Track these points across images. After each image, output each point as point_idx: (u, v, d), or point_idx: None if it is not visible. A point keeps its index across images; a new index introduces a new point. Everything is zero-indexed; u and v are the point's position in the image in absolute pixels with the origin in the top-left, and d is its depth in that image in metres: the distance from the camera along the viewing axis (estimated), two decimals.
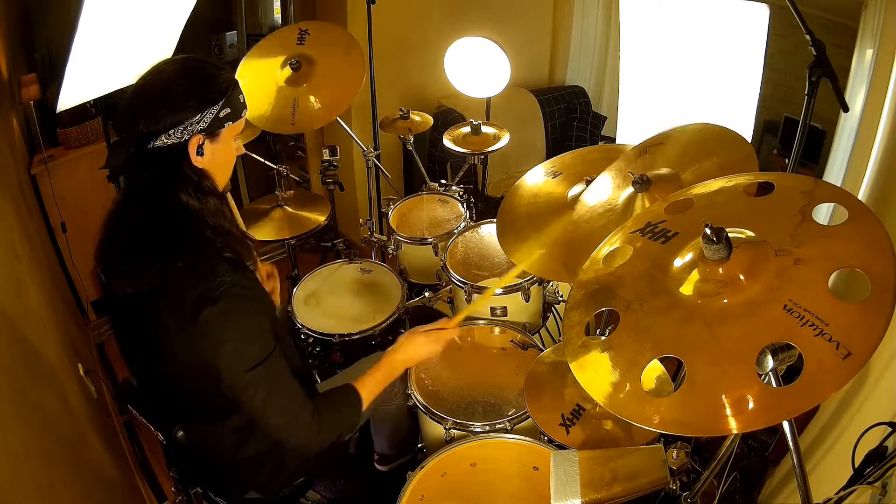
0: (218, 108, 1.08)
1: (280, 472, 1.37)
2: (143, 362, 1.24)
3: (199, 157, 1.09)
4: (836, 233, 0.78)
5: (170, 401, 1.26)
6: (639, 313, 0.88)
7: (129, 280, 1.09)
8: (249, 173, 3.47)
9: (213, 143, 1.11)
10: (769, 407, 0.70)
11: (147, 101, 1.06)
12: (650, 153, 1.30)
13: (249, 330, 1.11)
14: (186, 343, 1.07)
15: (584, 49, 3.64)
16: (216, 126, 1.09)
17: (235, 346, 1.08)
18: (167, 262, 1.06)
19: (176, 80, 1.07)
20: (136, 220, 1.10)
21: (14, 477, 0.91)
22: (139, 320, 1.13)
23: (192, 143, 1.07)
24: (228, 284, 1.06)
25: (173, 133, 1.05)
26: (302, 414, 1.17)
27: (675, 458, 1.05)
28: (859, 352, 0.66)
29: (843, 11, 2.21)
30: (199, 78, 1.08)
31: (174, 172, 1.08)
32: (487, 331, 1.77)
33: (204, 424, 1.26)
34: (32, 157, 2.35)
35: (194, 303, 1.04)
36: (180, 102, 1.05)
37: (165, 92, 1.06)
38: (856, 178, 1.91)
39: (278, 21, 3.62)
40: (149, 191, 1.09)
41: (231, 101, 1.10)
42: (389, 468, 1.87)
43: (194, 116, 1.06)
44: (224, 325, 1.06)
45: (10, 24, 2.27)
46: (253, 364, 1.09)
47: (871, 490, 1.05)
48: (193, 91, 1.07)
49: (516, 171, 3.31)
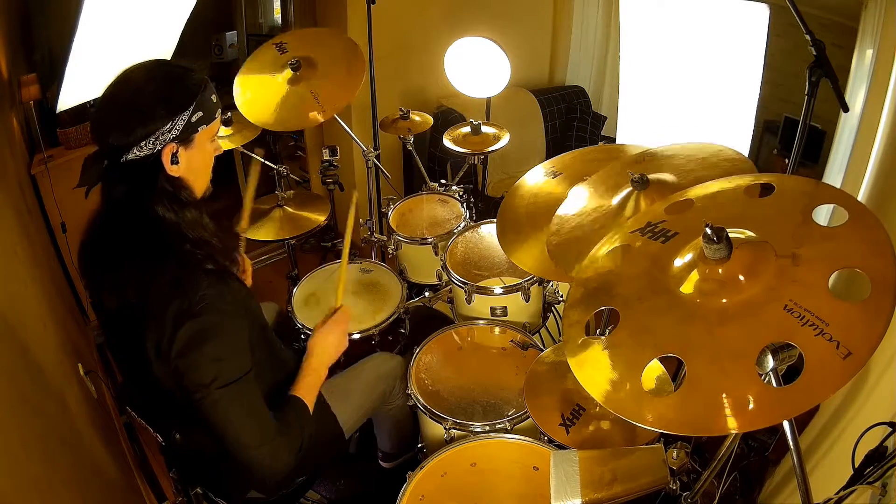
0: (189, 114, 1.05)
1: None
2: (134, 368, 1.24)
3: (174, 165, 1.06)
4: (836, 233, 0.78)
5: (162, 405, 1.26)
6: (639, 312, 0.88)
7: (113, 294, 1.09)
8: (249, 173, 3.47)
9: (188, 150, 1.08)
10: (769, 407, 0.71)
11: (116, 113, 1.04)
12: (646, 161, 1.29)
13: (228, 347, 1.09)
14: (165, 356, 1.06)
15: (584, 49, 3.64)
16: (189, 132, 1.06)
17: (211, 362, 1.06)
18: (149, 277, 1.05)
19: (143, 88, 1.04)
20: (115, 234, 1.09)
21: (14, 477, 0.91)
22: (126, 329, 1.13)
23: (166, 152, 1.04)
24: (210, 298, 1.05)
25: (145, 144, 1.02)
26: (268, 436, 1.12)
27: (676, 458, 1.05)
28: (859, 351, 0.66)
29: (843, 11, 2.21)
30: (167, 84, 1.05)
31: (149, 185, 1.06)
32: (487, 331, 1.77)
33: (198, 428, 1.25)
34: (32, 157, 2.35)
35: (175, 316, 1.03)
36: (150, 112, 1.02)
37: (133, 102, 1.03)
38: (856, 178, 1.91)
39: (278, 21, 3.62)
40: (125, 205, 1.07)
41: (203, 104, 1.07)
42: (393, 465, 1.88)
43: (165, 125, 1.02)
44: (203, 339, 1.05)
45: (10, 24, 2.27)
46: (226, 381, 1.07)
47: (871, 490, 1.05)
48: (162, 98, 1.03)
49: (516, 171, 3.31)
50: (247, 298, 1.21)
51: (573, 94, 3.61)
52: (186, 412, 1.17)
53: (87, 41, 1.87)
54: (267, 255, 3.27)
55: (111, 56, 2.06)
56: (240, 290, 1.17)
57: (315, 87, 1.94)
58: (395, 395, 1.68)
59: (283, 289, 2.51)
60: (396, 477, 1.34)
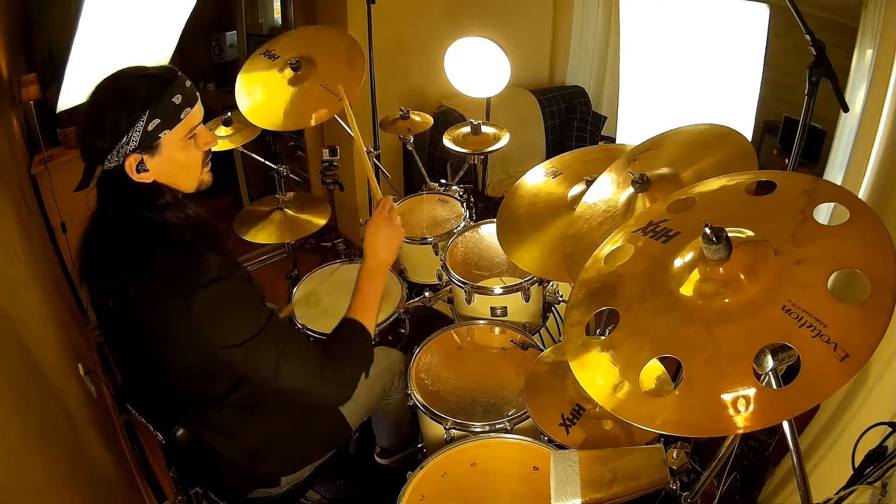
0: (144, 122, 1.03)
1: (285, 459, 1.37)
2: (136, 362, 1.24)
3: (141, 174, 1.06)
4: (836, 233, 0.78)
5: (167, 395, 1.26)
6: (639, 313, 0.88)
7: (112, 290, 1.11)
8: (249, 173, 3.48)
9: (155, 157, 1.07)
10: (766, 408, 0.70)
11: (82, 130, 1.06)
12: (640, 160, 1.29)
13: (245, 302, 1.11)
14: (187, 332, 1.07)
15: (584, 49, 3.64)
16: (150, 140, 1.04)
17: (236, 320, 1.09)
18: (147, 272, 1.06)
19: (97, 103, 1.04)
20: (109, 234, 1.11)
21: (14, 477, 0.91)
22: (128, 324, 1.14)
23: (129, 163, 1.04)
24: (216, 267, 1.06)
25: (111, 157, 1.04)
26: (317, 367, 1.15)
27: (675, 458, 1.05)
28: (857, 354, 0.66)
29: (843, 11, 2.21)
30: (116, 97, 1.03)
31: (124, 192, 1.08)
32: (487, 331, 1.77)
33: (204, 413, 1.26)
34: (32, 157, 2.35)
35: (186, 293, 1.04)
36: (103, 127, 1.02)
37: (91, 118, 1.04)
38: (856, 178, 1.91)
39: (278, 21, 3.62)
40: (113, 209, 1.10)
41: (161, 110, 1.04)
42: (390, 462, 1.88)
43: (122, 139, 1.02)
44: (220, 303, 1.06)
45: (10, 24, 2.27)
46: (256, 331, 1.09)
47: (871, 490, 1.05)
48: (112, 112, 1.02)
49: (516, 171, 3.31)
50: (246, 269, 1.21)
51: (573, 94, 3.61)
52: (193, 393, 1.18)
53: (87, 41, 1.86)
54: (267, 256, 3.27)
55: (111, 56, 2.06)
56: (244, 271, 1.18)
57: (322, 79, 1.93)
58: (394, 389, 1.68)
59: (283, 289, 2.52)
60: (396, 477, 1.34)
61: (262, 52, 2.03)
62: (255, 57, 2.03)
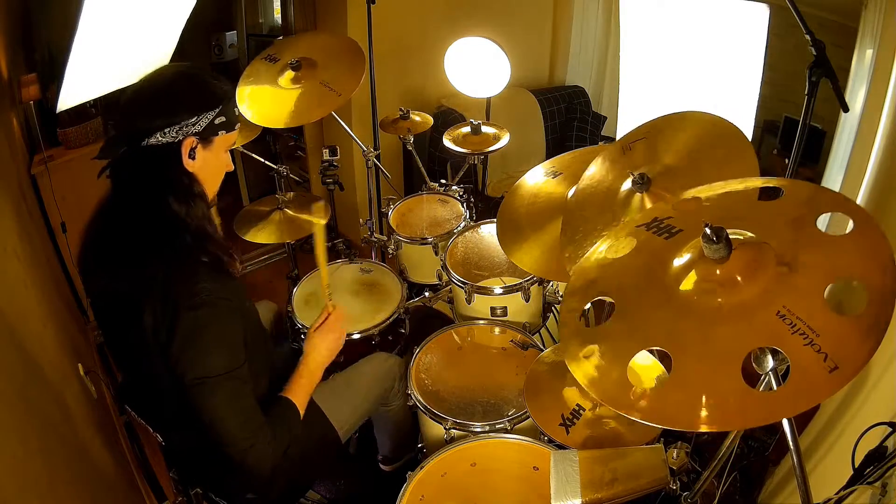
0: (214, 115, 1.10)
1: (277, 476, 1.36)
2: (132, 366, 1.24)
3: (190, 160, 1.10)
4: (838, 242, 0.77)
5: (159, 404, 1.26)
6: (634, 305, 0.89)
7: (110, 284, 1.11)
8: (249, 173, 3.48)
9: (206, 150, 1.12)
10: (749, 409, 0.70)
11: (146, 99, 1.07)
12: (634, 148, 1.30)
13: (224, 339, 1.10)
14: (162, 347, 1.07)
15: (584, 49, 3.64)
16: (210, 132, 1.11)
17: (207, 352, 1.07)
18: (148, 269, 1.06)
19: (176, 81, 1.09)
20: (119, 225, 1.11)
21: (14, 477, 0.91)
22: (122, 322, 1.14)
23: (186, 144, 1.08)
24: (208, 292, 1.06)
25: (168, 132, 1.06)
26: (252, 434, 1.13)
27: (675, 458, 1.05)
28: (846, 367, 0.65)
29: (843, 11, 2.21)
30: (197, 82, 1.11)
31: (164, 173, 1.09)
32: (487, 331, 1.77)
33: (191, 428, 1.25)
34: (32, 157, 2.35)
35: (174, 308, 1.04)
36: (178, 102, 1.07)
37: (164, 91, 1.08)
38: (856, 179, 1.91)
39: (278, 21, 3.62)
40: (136, 193, 1.09)
41: (227, 111, 1.12)
42: (393, 468, 1.87)
43: (190, 118, 1.07)
44: (200, 330, 1.06)
45: (10, 24, 2.27)
46: (220, 372, 1.08)
47: (871, 490, 1.05)
48: (191, 93, 1.09)
49: (516, 171, 3.31)
50: (242, 296, 1.21)
51: (573, 94, 3.61)
52: (180, 410, 1.17)
53: (87, 41, 1.86)
54: (267, 256, 3.27)
55: (111, 56, 2.05)
56: (237, 288, 1.18)
57: (323, 78, 1.94)
58: (394, 395, 1.68)
59: (283, 289, 2.52)
60: (396, 477, 1.34)
61: (262, 57, 2.05)
62: (256, 63, 2.06)
